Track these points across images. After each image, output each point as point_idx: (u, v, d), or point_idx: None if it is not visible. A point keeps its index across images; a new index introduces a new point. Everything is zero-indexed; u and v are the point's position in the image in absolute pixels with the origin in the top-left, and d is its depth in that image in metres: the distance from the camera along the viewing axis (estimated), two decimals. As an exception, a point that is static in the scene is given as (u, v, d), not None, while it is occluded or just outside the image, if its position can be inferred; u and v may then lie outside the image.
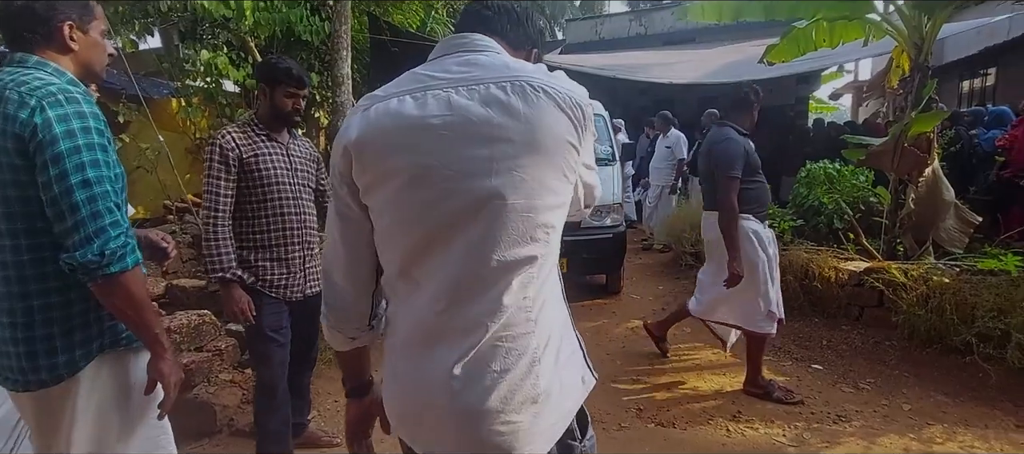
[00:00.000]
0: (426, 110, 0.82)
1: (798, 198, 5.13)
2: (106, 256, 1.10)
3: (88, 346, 1.20)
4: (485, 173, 0.80)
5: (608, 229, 4.28)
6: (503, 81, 0.83)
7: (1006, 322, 2.68)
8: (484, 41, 0.91)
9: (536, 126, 0.81)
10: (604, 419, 2.71)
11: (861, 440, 2.45)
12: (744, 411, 2.73)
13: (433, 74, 0.86)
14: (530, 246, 0.83)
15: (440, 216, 0.82)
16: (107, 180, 1.14)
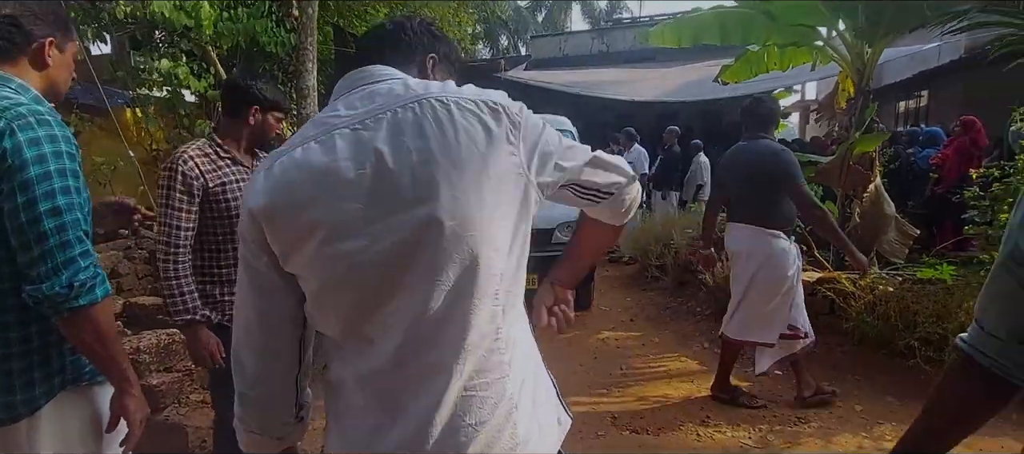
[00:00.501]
0: (334, 154, 0.75)
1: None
2: (74, 288, 1.04)
3: (49, 382, 1.14)
4: (411, 204, 0.74)
5: None
6: (408, 103, 0.77)
7: (944, 327, 2.92)
8: (381, 70, 0.84)
9: (453, 142, 0.74)
10: (582, 428, 2.78)
11: (819, 440, 2.62)
12: (712, 416, 2.87)
13: (336, 114, 0.79)
14: (486, 272, 0.76)
15: (375, 263, 0.74)
16: (78, 207, 1.08)
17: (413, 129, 0.75)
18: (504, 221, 0.78)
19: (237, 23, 5.78)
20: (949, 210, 5.14)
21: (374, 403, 0.78)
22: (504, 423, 0.77)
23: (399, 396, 0.76)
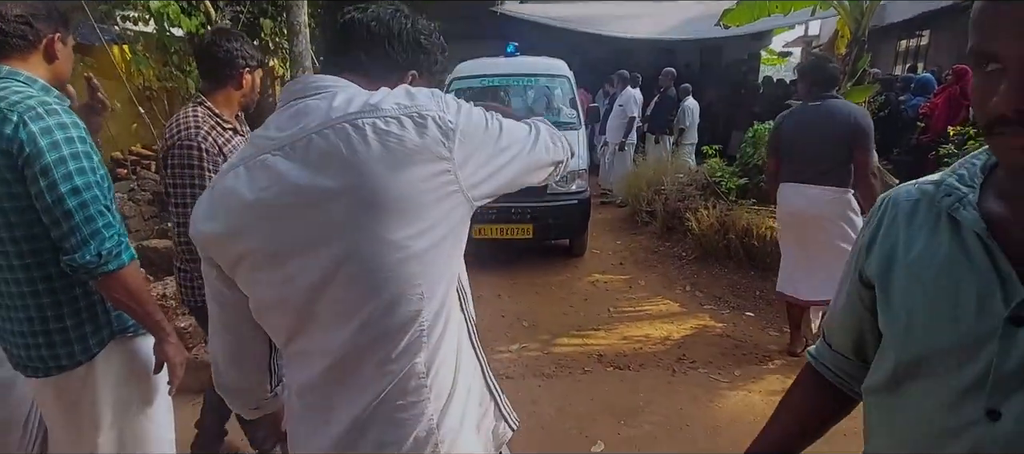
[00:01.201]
0: (256, 185, 0.75)
1: (744, 157, 5.55)
2: (103, 256, 1.19)
3: (99, 335, 1.34)
4: (327, 239, 0.73)
5: (573, 195, 4.39)
6: (325, 128, 0.73)
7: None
8: (322, 82, 0.80)
9: (367, 172, 0.71)
10: (570, 365, 3.10)
11: (781, 376, 2.94)
12: (688, 354, 3.18)
13: (266, 136, 0.78)
14: (405, 308, 0.75)
15: (300, 293, 0.75)
16: (95, 185, 1.21)
17: (326, 160, 0.72)
18: (429, 250, 0.75)
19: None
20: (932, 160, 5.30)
21: (312, 407, 0.81)
22: (423, 444, 0.78)
23: (329, 411, 0.79)
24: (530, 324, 3.61)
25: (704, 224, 4.33)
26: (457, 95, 4.75)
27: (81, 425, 1.38)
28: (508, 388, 2.89)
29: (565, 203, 4.33)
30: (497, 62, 5.55)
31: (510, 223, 4.23)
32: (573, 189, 4.37)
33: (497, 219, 4.20)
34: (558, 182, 4.21)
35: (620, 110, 6.47)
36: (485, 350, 0.94)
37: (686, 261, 4.46)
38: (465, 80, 5.30)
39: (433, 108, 0.76)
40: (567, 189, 4.33)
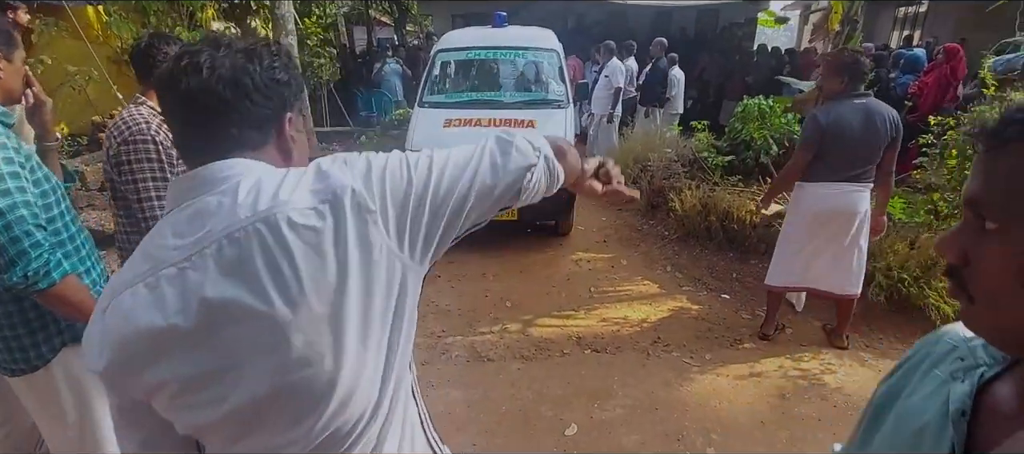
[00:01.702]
0: (163, 306, 0.66)
1: (733, 132, 5.57)
2: (30, 277, 1.22)
3: (51, 343, 1.43)
4: (260, 352, 0.67)
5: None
6: (234, 232, 0.66)
7: (875, 264, 3.29)
8: (216, 173, 0.70)
9: (289, 278, 0.65)
10: (550, 347, 3.22)
11: (749, 360, 3.08)
12: (663, 337, 3.30)
13: (164, 244, 0.69)
14: (347, 411, 0.71)
15: (239, 408, 0.69)
16: (20, 205, 1.22)
17: (242, 268, 0.65)
18: (367, 346, 0.71)
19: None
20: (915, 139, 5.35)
21: None
22: None
23: None
24: (513, 305, 3.71)
25: (687, 205, 4.40)
26: (443, 67, 4.53)
27: (52, 420, 1.50)
28: (489, 371, 3.03)
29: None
30: (485, 33, 5.42)
31: None
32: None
33: None
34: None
35: (606, 82, 6.41)
36: (469, 330, 0.94)
37: (668, 240, 4.55)
38: (451, 52, 5.20)
39: (348, 181, 0.70)
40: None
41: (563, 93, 4.89)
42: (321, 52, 7.88)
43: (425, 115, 4.67)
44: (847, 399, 2.77)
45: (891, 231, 3.48)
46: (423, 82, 4.99)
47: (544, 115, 4.53)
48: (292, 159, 0.79)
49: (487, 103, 4.82)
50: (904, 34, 10.24)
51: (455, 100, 4.97)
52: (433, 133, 4.37)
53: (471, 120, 4.39)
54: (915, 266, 3.21)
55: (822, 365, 3.03)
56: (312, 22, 8.20)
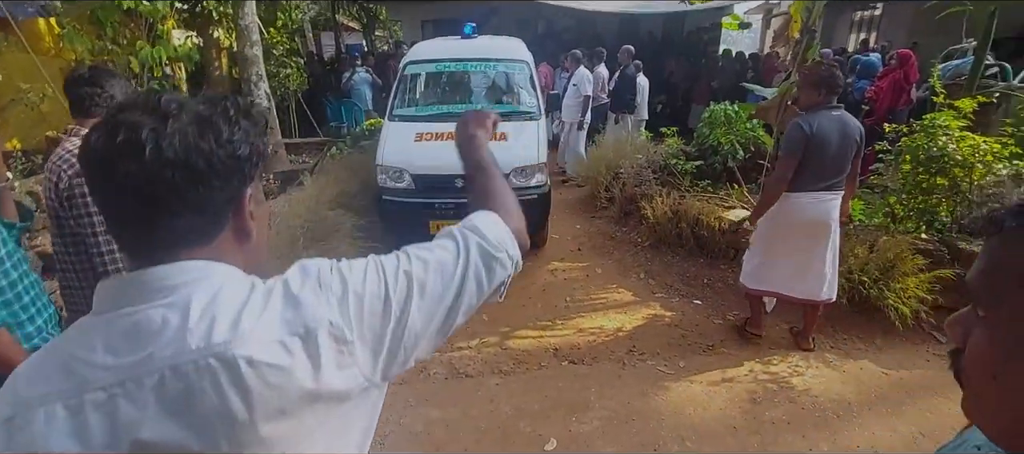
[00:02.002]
0: (86, 438, 0.55)
1: (701, 138, 5.70)
2: None
3: None
4: None
5: (533, 190, 4.25)
6: (184, 364, 0.56)
7: (836, 268, 3.42)
8: (157, 278, 0.60)
9: (246, 425, 0.56)
10: (528, 360, 3.24)
11: (720, 366, 3.16)
12: (638, 346, 3.36)
13: (93, 360, 0.57)
14: None
15: None
16: None
17: (186, 413, 0.55)
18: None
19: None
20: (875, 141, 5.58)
21: None
22: None
23: None
24: (490, 318, 3.71)
25: (658, 212, 4.48)
26: (411, 80, 4.44)
27: None
28: (468, 388, 3.03)
29: (525, 198, 4.13)
30: (454, 44, 5.35)
31: None
32: (532, 183, 4.26)
33: (455, 214, 4.09)
34: (517, 176, 4.18)
35: (575, 90, 6.50)
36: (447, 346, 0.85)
37: (641, 247, 4.63)
38: (419, 65, 5.12)
39: (324, 312, 0.61)
40: (527, 184, 4.23)
41: (535, 105, 4.86)
42: (288, 62, 7.73)
43: (395, 129, 4.60)
44: (814, 401, 2.87)
45: (851, 235, 3.63)
46: (393, 95, 4.92)
47: (517, 127, 4.48)
48: (251, 239, 0.68)
49: (458, 115, 4.74)
50: (861, 37, 10.66)
51: (426, 113, 4.91)
52: (404, 147, 4.33)
53: (443, 134, 4.32)
54: (874, 269, 3.35)
55: (790, 367, 3.13)
56: (277, 31, 8.04)
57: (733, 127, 5.42)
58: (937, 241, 3.49)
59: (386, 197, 4.26)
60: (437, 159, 4.14)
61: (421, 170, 4.18)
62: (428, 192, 4.16)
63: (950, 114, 3.57)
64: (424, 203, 4.16)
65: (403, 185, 4.22)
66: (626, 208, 5.09)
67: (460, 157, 0.97)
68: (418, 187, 4.19)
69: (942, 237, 3.56)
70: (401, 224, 4.32)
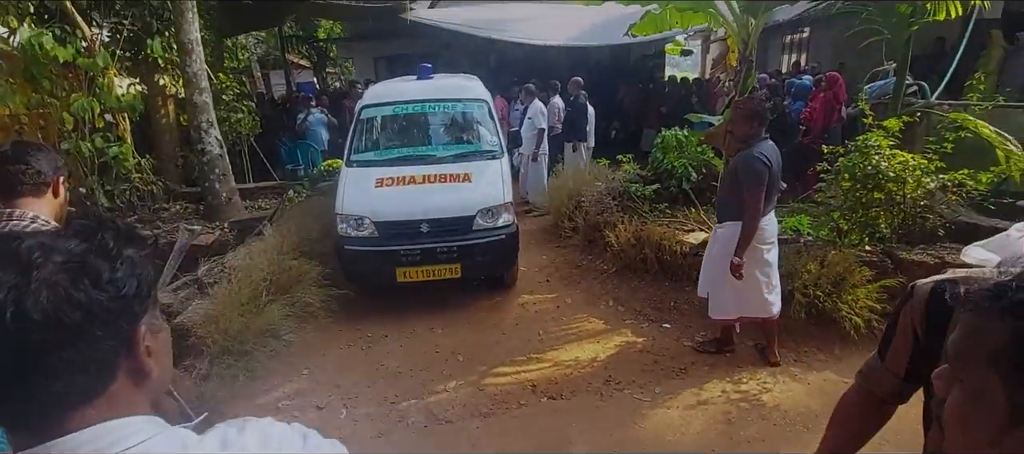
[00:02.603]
0: None
1: (655, 162, 5.92)
2: None
3: None
4: None
5: (500, 230, 4.18)
6: None
7: (792, 283, 3.61)
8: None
9: None
10: (507, 399, 3.23)
11: (694, 389, 3.25)
12: (614, 376, 3.41)
13: None
14: None
15: None
16: None
17: None
18: None
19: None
20: (814, 159, 5.95)
21: None
22: None
23: None
24: (465, 358, 3.69)
25: (622, 239, 4.60)
26: (368, 123, 4.69)
27: None
28: (449, 434, 2.98)
29: (493, 239, 4.14)
30: (410, 85, 5.30)
31: (436, 264, 4.04)
32: (499, 224, 4.20)
33: (422, 261, 4.04)
34: (483, 217, 4.14)
35: (530, 122, 6.67)
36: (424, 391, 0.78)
37: (608, 274, 4.72)
38: (376, 108, 5.02)
39: None
40: (493, 224, 4.17)
41: (496, 143, 4.84)
42: (239, 106, 7.54)
43: (354, 175, 4.46)
44: (784, 415, 2.99)
45: (802, 251, 3.84)
46: (350, 139, 4.81)
47: (479, 167, 4.46)
48: (151, 376, 0.60)
49: (419, 158, 4.66)
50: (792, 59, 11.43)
51: (386, 157, 4.78)
52: (365, 194, 4.21)
53: (404, 178, 4.27)
54: (826, 282, 3.55)
55: (759, 385, 3.25)
56: (226, 75, 7.85)
57: (685, 151, 5.68)
58: (880, 252, 3.74)
59: (348, 247, 4.10)
60: (400, 205, 4.08)
61: (385, 217, 4.06)
62: (393, 239, 4.04)
63: (880, 134, 3.87)
64: (389, 251, 4.02)
65: (366, 233, 4.08)
66: (590, 236, 5.19)
67: None
68: (382, 235, 4.05)
69: (884, 248, 3.82)
70: (366, 274, 4.21)
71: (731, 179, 3.18)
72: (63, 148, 5.56)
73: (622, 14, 6.96)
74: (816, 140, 5.94)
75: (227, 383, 3.34)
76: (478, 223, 4.13)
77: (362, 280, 4.28)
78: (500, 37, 8.60)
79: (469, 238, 4.08)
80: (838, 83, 6.06)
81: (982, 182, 3.95)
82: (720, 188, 3.35)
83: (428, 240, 4.03)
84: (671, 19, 5.66)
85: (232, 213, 6.14)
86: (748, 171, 3.03)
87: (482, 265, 4.23)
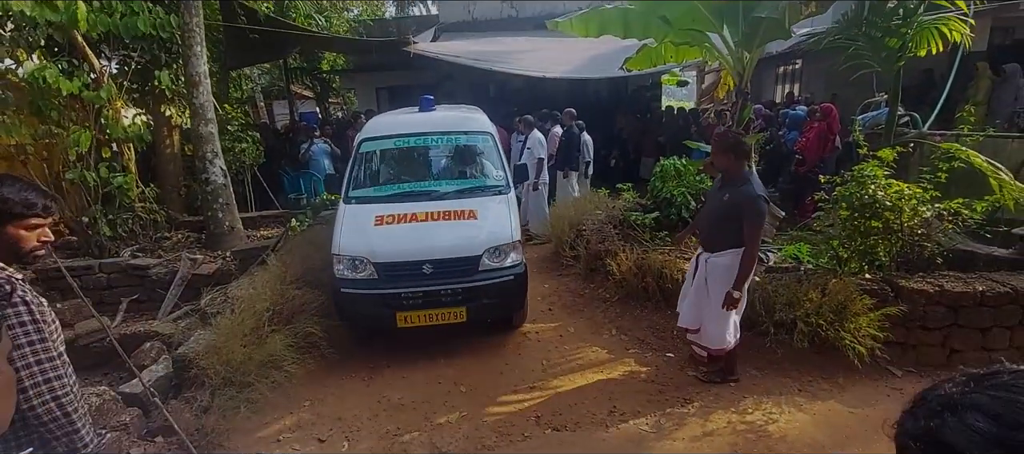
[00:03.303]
0: None
1: (654, 190, 5.99)
2: None
3: None
4: None
5: (508, 270, 3.91)
6: None
7: (795, 312, 3.63)
8: None
9: None
10: (511, 431, 3.20)
11: (700, 419, 3.23)
12: (618, 406, 3.39)
13: None
14: None
15: None
16: None
17: None
18: None
19: (112, 15, 5.19)
20: (810, 187, 6.04)
21: None
22: None
23: None
24: (468, 388, 3.67)
25: (623, 268, 4.63)
26: (367, 157, 4.45)
27: None
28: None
29: (501, 280, 3.87)
30: (411, 117, 5.07)
31: (440, 307, 3.80)
32: (507, 264, 3.93)
33: (425, 304, 3.80)
34: (492, 257, 3.91)
35: (529, 153, 6.78)
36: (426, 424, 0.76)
37: (610, 303, 4.73)
38: (375, 141, 4.77)
39: None
40: (501, 265, 3.90)
41: (503, 178, 4.58)
42: (243, 136, 7.65)
43: (353, 213, 4.20)
44: (791, 447, 2.97)
45: (803, 279, 3.87)
46: (347, 175, 4.55)
47: (485, 203, 4.22)
48: None
49: (422, 194, 4.41)
50: (786, 89, 11.70)
51: (386, 193, 4.49)
52: (364, 233, 3.98)
53: (405, 215, 4.04)
54: (828, 311, 3.56)
55: (765, 415, 3.23)
56: (232, 106, 7.98)
57: (683, 179, 5.75)
58: (880, 280, 3.77)
59: (345, 290, 3.85)
60: (402, 244, 3.86)
61: (386, 258, 3.82)
62: (394, 281, 3.80)
63: (875, 164, 3.95)
64: (390, 294, 3.79)
65: (364, 275, 3.84)
66: (592, 264, 5.22)
67: None
68: (382, 277, 3.82)
69: (884, 276, 3.85)
70: (363, 318, 3.97)
71: (730, 211, 3.21)
72: (68, 177, 5.62)
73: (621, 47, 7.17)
74: (812, 170, 6.03)
75: (228, 415, 3.31)
76: (485, 263, 3.88)
77: (359, 323, 4.08)
78: (501, 69, 8.76)
79: (475, 280, 3.83)
80: (832, 114, 6.20)
81: (977, 210, 4.01)
82: (713, 218, 3.36)
83: (431, 282, 3.80)
84: (666, 53, 5.82)
85: (234, 242, 6.16)
86: (752, 209, 3.12)
87: (489, 308, 3.95)
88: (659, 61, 5.96)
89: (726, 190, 3.27)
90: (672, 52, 5.74)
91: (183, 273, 5.48)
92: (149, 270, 5.54)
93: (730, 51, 5.00)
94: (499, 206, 4.26)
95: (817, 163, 6.04)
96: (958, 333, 3.62)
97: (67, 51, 5.68)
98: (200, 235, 6.55)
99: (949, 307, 3.58)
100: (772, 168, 6.52)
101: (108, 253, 5.88)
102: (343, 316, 4.01)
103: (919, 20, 4.33)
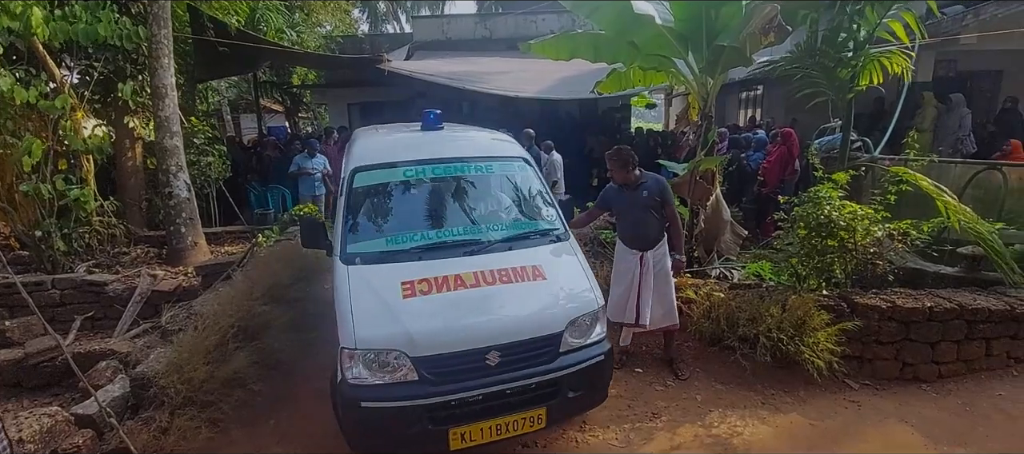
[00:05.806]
0: None
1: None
2: None
3: None
4: None
5: (594, 348, 2.90)
6: None
7: (757, 328, 3.75)
8: None
9: None
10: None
11: (668, 433, 3.29)
12: (588, 421, 3.42)
13: None
14: None
15: None
16: None
17: None
18: None
19: (74, 23, 5.06)
20: (772, 207, 6.29)
21: None
22: None
23: None
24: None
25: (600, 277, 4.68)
26: (365, 195, 3.44)
27: None
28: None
29: (587, 363, 2.84)
30: (418, 139, 3.76)
31: (511, 414, 2.68)
32: (591, 339, 2.92)
33: (483, 411, 2.65)
34: (574, 332, 2.84)
35: None
36: None
37: (580, 319, 4.77)
38: (377, 171, 3.39)
39: None
40: (585, 340, 2.88)
41: (554, 216, 3.46)
42: (209, 150, 7.48)
43: (364, 280, 2.83)
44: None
45: (765, 295, 4.01)
46: (342, 222, 3.17)
47: (547, 255, 3.13)
48: None
49: (457, 246, 3.08)
50: (748, 114, 12.20)
51: (409, 247, 3.07)
52: (390, 311, 2.68)
53: (447, 278, 2.80)
54: (789, 326, 3.70)
55: (730, 428, 3.31)
56: (198, 120, 7.82)
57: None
58: (837, 296, 3.94)
59: (367, 404, 2.55)
60: (453, 323, 2.65)
61: (432, 348, 2.58)
62: (444, 382, 2.58)
63: (830, 186, 4.16)
64: (438, 404, 2.58)
65: (398, 378, 2.58)
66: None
67: None
68: (426, 377, 2.58)
69: (840, 292, 4.03)
70: (398, 443, 2.60)
71: (651, 202, 3.73)
72: (22, 189, 5.39)
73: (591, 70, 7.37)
74: (773, 191, 6.28)
75: (189, 436, 3.19)
76: (567, 342, 2.82)
77: (388, 450, 2.62)
78: (474, 87, 8.87)
79: (557, 367, 2.76)
80: (792, 138, 6.49)
81: (925, 230, 4.25)
82: (640, 216, 3.77)
83: (497, 377, 2.64)
84: (634, 77, 6.03)
85: (197, 258, 5.99)
86: (668, 190, 3.81)
87: (573, 405, 2.91)
88: (628, 85, 6.14)
89: (638, 192, 3.75)
90: (640, 76, 5.95)
91: (142, 289, 5.28)
92: (106, 286, 5.33)
93: (695, 76, 5.21)
94: (567, 258, 3.22)
95: (778, 184, 6.30)
96: (910, 347, 3.80)
97: (27, 60, 5.50)
98: (161, 250, 6.34)
99: (901, 322, 3.77)
100: (737, 189, 6.77)
101: (62, 269, 5.63)
102: (361, 443, 2.70)
103: (866, 53, 4.61)
